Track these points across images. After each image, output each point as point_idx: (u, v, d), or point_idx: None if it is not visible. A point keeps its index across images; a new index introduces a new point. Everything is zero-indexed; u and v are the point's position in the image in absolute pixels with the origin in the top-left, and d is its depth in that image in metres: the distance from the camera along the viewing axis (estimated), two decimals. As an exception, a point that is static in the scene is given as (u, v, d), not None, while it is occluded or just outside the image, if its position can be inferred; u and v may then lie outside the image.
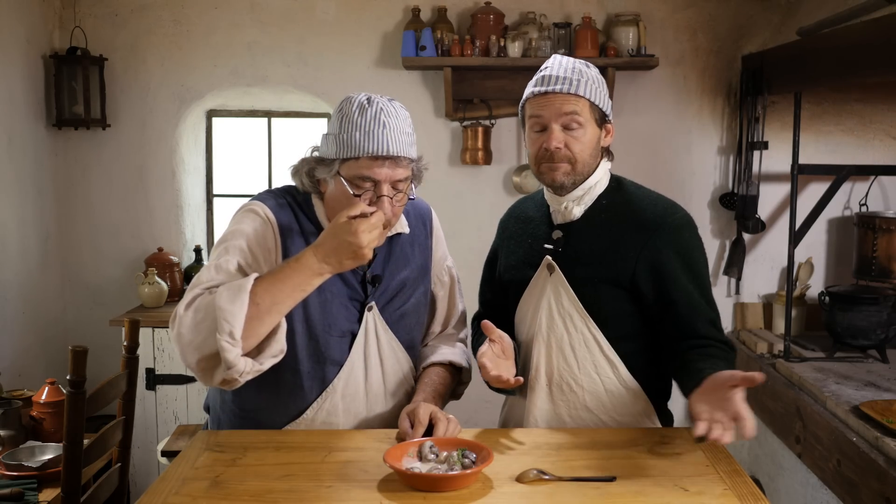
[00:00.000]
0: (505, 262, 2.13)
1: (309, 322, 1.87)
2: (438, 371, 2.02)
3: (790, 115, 3.47)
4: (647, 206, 1.99)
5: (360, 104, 1.81)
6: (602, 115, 1.95)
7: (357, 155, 1.78)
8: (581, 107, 1.91)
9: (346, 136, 1.79)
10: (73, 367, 2.13)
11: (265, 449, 1.81)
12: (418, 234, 2.05)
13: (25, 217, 3.77)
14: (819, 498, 2.93)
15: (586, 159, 1.94)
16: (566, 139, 1.91)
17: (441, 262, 2.12)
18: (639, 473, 1.67)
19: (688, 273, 1.93)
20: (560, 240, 2.00)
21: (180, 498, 1.57)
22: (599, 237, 1.96)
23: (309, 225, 1.90)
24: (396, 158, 1.80)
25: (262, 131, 4.32)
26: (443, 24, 3.85)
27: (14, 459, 2.55)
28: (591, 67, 1.97)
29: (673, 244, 1.93)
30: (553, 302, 1.97)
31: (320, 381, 1.91)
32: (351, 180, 1.81)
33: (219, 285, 1.74)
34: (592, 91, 1.92)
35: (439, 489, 1.57)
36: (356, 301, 1.92)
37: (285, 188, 1.98)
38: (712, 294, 2.00)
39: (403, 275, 1.99)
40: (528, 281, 2.02)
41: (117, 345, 2.87)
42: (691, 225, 1.99)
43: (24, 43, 3.74)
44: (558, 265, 1.97)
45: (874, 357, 3.44)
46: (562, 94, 1.90)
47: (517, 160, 4.01)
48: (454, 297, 2.16)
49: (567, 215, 1.99)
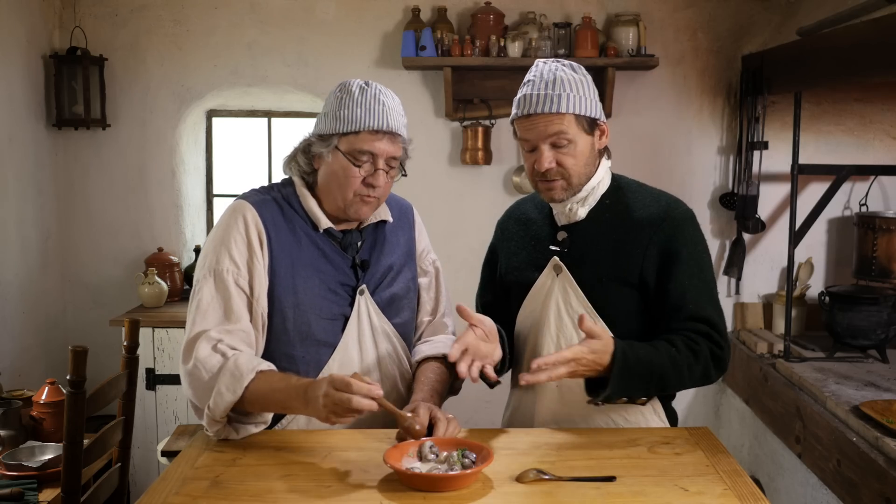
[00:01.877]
0: (507, 264, 2.13)
1: (300, 308, 1.91)
2: (434, 367, 2.04)
3: (790, 115, 3.47)
4: (650, 202, 1.99)
5: (360, 86, 1.92)
6: (591, 121, 1.93)
7: (357, 129, 1.88)
8: (566, 123, 1.89)
9: (347, 111, 1.88)
10: (73, 367, 2.13)
11: (265, 449, 1.81)
12: (402, 224, 2.12)
13: (25, 217, 3.77)
14: (819, 498, 2.93)
15: (580, 171, 1.94)
16: (557, 157, 1.91)
17: (424, 253, 2.17)
18: (639, 473, 1.67)
19: (689, 266, 1.93)
20: (565, 241, 2.00)
21: (180, 498, 1.57)
22: (605, 237, 1.96)
23: (294, 215, 1.96)
24: (394, 135, 1.91)
25: (262, 131, 4.32)
26: (443, 24, 3.85)
27: (14, 459, 2.55)
28: (576, 70, 1.94)
29: (677, 238, 1.94)
30: (562, 303, 1.97)
31: (315, 364, 1.94)
32: (350, 153, 1.88)
33: (223, 331, 1.84)
34: (575, 102, 1.89)
35: (439, 489, 1.57)
36: (347, 286, 1.97)
37: (270, 184, 2.06)
38: (714, 289, 1.98)
39: (390, 260, 2.05)
40: (532, 283, 2.02)
41: (117, 345, 2.87)
42: (693, 219, 2.00)
43: (24, 43, 3.74)
44: (566, 266, 1.97)
45: (874, 357, 3.44)
46: (544, 115, 1.89)
47: (517, 160, 4.01)
48: (440, 287, 2.18)
49: (571, 216, 2.00)
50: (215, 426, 1.82)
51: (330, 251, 1.97)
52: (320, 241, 1.96)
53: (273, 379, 1.80)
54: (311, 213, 1.96)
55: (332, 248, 1.97)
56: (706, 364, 1.91)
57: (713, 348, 1.92)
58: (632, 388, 1.88)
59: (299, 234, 1.94)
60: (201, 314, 1.87)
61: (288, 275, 1.91)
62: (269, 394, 1.79)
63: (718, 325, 1.94)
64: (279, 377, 1.81)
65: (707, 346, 1.91)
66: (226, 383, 1.78)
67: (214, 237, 1.93)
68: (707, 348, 1.91)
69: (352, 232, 2.00)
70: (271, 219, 1.93)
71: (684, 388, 1.99)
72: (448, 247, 3.64)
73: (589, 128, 1.93)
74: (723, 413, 4.02)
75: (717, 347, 1.92)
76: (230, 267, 1.88)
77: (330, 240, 1.97)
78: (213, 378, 1.79)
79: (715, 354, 1.92)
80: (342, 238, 1.99)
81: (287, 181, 2.04)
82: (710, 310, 1.94)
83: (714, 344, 1.92)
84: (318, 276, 1.94)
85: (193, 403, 1.86)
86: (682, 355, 1.88)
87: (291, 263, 1.92)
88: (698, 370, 1.90)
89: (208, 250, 1.93)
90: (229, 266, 1.88)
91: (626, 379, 1.82)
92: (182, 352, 1.88)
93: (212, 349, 1.83)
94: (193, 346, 1.84)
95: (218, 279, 1.88)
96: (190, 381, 1.84)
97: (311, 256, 1.94)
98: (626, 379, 1.82)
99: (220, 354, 1.82)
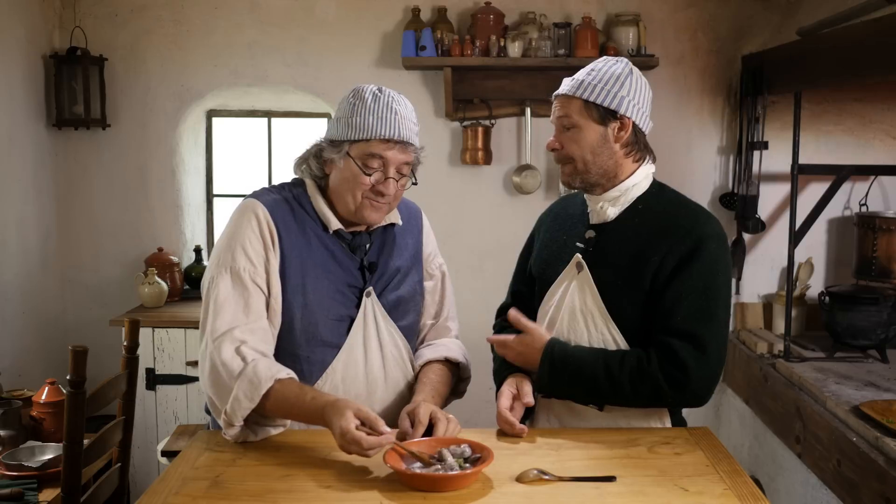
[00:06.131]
0: (536, 256, 2.15)
1: (308, 308, 1.92)
2: (437, 369, 2.05)
3: (790, 115, 3.47)
4: (682, 213, 1.96)
5: (373, 92, 1.93)
6: (605, 111, 1.93)
7: (368, 137, 1.89)
8: (573, 108, 1.94)
9: (359, 119, 1.90)
10: (73, 367, 2.13)
11: (265, 449, 1.81)
12: (410, 228, 2.12)
13: (25, 217, 3.77)
14: (819, 498, 2.93)
15: (586, 157, 1.95)
16: (561, 139, 1.98)
17: (431, 257, 2.17)
18: (639, 473, 1.67)
19: (694, 280, 1.88)
20: (592, 240, 2.00)
21: (180, 498, 1.57)
22: (629, 241, 1.95)
23: (304, 215, 1.96)
24: (404, 143, 1.91)
25: (262, 131, 4.32)
26: (443, 24, 3.85)
27: (14, 459, 2.55)
28: (618, 62, 1.96)
29: (695, 253, 1.89)
30: (577, 300, 1.97)
31: (319, 364, 1.94)
32: (360, 160, 1.90)
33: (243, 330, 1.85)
34: (591, 90, 1.92)
35: (439, 489, 1.57)
36: (355, 287, 1.98)
37: (281, 183, 2.06)
38: (719, 312, 1.91)
39: (398, 263, 2.05)
40: (556, 277, 2.03)
41: (117, 345, 2.87)
42: (722, 240, 1.95)
43: (24, 43, 3.74)
44: (588, 265, 1.97)
45: (874, 357, 3.44)
46: (559, 97, 1.99)
47: (517, 160, 4.01)
48: (445, 291, 2.19)
49: (602, 216, 2.00)
50: (232, 430, 1.82)
51: (339, 252, 1.97)
52: (330, 242, 1.97)
53: (290, 390, 1.80)
54: (322, 214, 1.97)
55: (341, 249, 1.98)
56: (655, 385, 1.84)
57: (672, 370, 1.84)
58: (562, 386, 1.93)
59: (309, 235, 1.95)
60: (219, 310, 1.86)
61: (297, 275, 1.91)
62: (285, 405, 1.80)
63: (704, 344, 1.85)
64: (296, 390, 1.80)
65: (662, 367, 1.84)
66: (244, 390, 1.78)
67: (227, 235, 1.93)
68: (661, 369, 1.84)
69: (361, 234, 2.01)
70: (282, 218, 1.93)
71: (631, 405, 1.94)
72: (448, 247, 3.59)
73: (601, 117, 1.93)
74: (723, 413, 4.02)
75: (676, 370, 1.83)
76: (246, 265, 1.88)
77: (339, 241, 1.98)
78: (232, 382, 1.80)
79: (672, 377, 1.84)
80: (351, 240, 1.99)
81: (298, 181, 2.05)
82: (700, 328, 1.86)
83: (675, 366, 1.83)
84: (327, 277, 1.94)
85: (213, 402, 1.86)
86: (625, 371, 1.85)
87: (301, 263, 1.92)
88: (645, 389, 1.85)
89: (221, 248, 1.92)
90: (245, 264, 1.88)
91: (554, 374, 1.91)
92: (202, 349, 1.88)
93: (234, 351, 1.83)
94: (218, 345, 1.84)
95: (234, 276, 1.88)
96: (211, 380, 1.84)
97: (321, 257, 1.95)
98: (553, 374, 1.91)
99: (241, 358, 1.82)
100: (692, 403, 1.91)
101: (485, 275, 3.98)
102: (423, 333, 2.16)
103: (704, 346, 1.86)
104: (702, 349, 1.85)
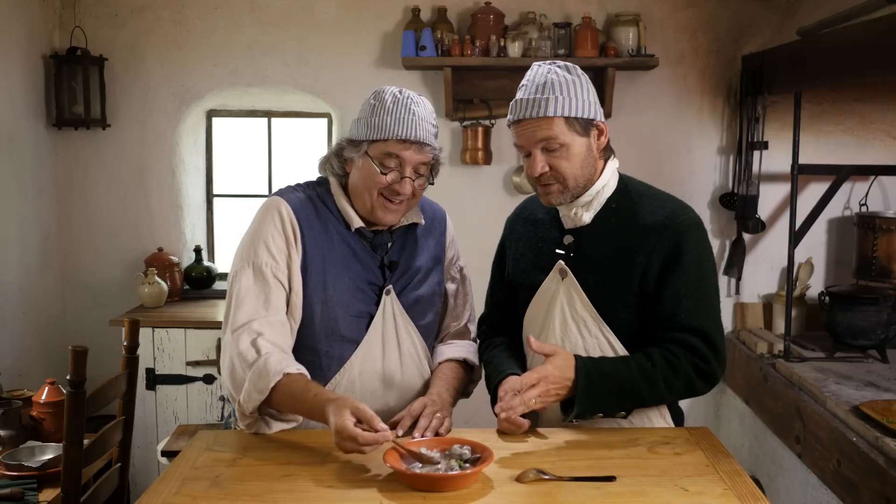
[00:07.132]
0: (514, 265, 2.13)
1: (328, 304, 1.95)
2: (453, 367, 2.09)
3: (790, 115, 3.47)
4: (656, 207, 1.96)
5: (393, 94, 1.96)
6: (585, 122, 1.90)
7: (386, 137, 1.92)
8: (556, 128, 1.88)
9: (378, 119, 1.93)
10: (73, 367, 2.13)
11: (265, 449, 1.81)
12: (433, 229, 2.15)
13: (25, 217, 3.77)
14: (819, 498, 2.93)
15: (576, 173, 1.92)
16: (550, 161, 1.91)
17: (453, 260, 2.21)
18: (639, 473, 1.67)
19: (687, 275, 1.91)
20: (571, 245, 1.99)
21: (180, 498, 1.57)
22: (610, 243, 1.95)
23: (327, 213, 2.00)
24: (421, 144, 1.93)
25: (262, 131, 4.32)
26: (443, 24, 3.85)
27: (14, 459, 2.55)
28: (571, 70, 1.92)
29: (679, 246, 1.91)
30: (566, 307, 1.97)
31: (338, 359, 1.97)
32: (378, 160, 1.93)
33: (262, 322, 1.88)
34: (565, 104, 1.87)
35: (439, 489, 1.57)
36: (375, 285, 2.01)
37: (306, 182, 2.10)
38: (714, 300, 1.95)
39: (418, 262, 2.08)
40: (539, 285, 2.02)
41: (117, 345, 2.87)
42: (699, 226, 1.97)
43: (24, 43, 3.74)
44: (571, 270, 1.96)
45: (874, 357, 3.44)
46: (533, 120, 1.88)
47: (517, 160, 4.01)
48: (466, 295, 2.22)
49: (577, 221, 1.99)
50: (246, 420, 1.87)
51: (360, 250, 2.00)
52: (351, 239, 1.99)
53: (296, 385, 1.82)
54: (344, 212, 2.00)
55: (363, 247, 2.01)
56: (688, 378, 1.89)
57: (697, 363, 1.89)
58: (602, 404, 1.89)
59: (331, 232, 1.98)
60: (240, 303, 1.91)
61: (319, 271, 1.95)
62: (290, 400, 1.83)
63: (712, 337, 1.91)
64: (301, 386, 1.82)
65: (690, 361, 1.88)
66: (254, 382, 1.82)
67: (251, 231, 1.98)
68: (689, 362, 1.88)
69: (382, 233, 2.03)
70: (305, 216, 1.97)
71: (667, 402, 1.97)
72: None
73: (583, 129, 1.91)
74: (723, 413, 4.02)
75: (702, 362, 1.89)
76: (268, 260, 1.92)
77: (361, 239, 2.01)
78: (246, 372, 1.84)
79: (699, 369, 1.89)
80: (373, 238, 2.02)
81: (322, 180, 2.09)
82: (704, 321, 1.91)
83: (700, 358, 1.89)
84: (348, 274, 1.97)
85: (230, 392, 1.90)
86: (658, 369, 1.87)
87: (322, 260, 1.95)
88: (679, 384, 1.89)
89: (245, 244, 1.97)
90: (267, 259, 1.92)
91: (594, 395, 1.85)
92: (224, 341, 1.93)
93: (250, 343, 1.87)
94: (236, 336, 1.88)
95: (256, 271, 1.92)
96: (229, 371, 1.89)
97: (342, 254, 1.98)
98: (593, 395, 1.85)
99: (255, 350, 1.86)
100: (708, 389, 1.96)
101: (485, 275, 3.93)
102: (442, 334, 2.19)
103: (712, 336, 1.91)
104: (711, 339, 1.91)
